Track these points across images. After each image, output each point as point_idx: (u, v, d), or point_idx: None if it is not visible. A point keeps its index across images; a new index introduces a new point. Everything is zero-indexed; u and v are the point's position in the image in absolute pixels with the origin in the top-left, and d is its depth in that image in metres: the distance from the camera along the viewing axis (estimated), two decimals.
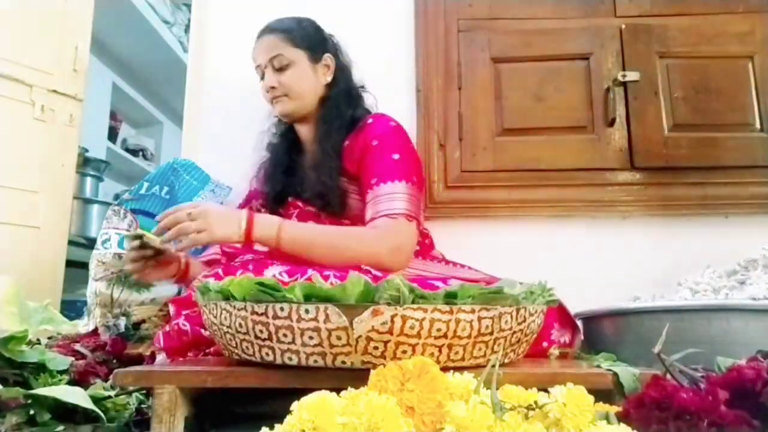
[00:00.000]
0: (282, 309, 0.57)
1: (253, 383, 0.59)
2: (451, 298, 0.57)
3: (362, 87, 1.30)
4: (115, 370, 0.59)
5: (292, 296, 0.57)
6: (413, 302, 0.55)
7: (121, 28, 2.95)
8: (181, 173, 1.38)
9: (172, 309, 0.95)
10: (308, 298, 0.57)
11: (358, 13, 1.59)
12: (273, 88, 1.19)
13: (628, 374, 0.57)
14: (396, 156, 1.10)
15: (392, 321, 0.54)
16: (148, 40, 3.16)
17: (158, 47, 3.24)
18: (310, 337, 0.56)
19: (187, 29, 3.13)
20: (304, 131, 1.26)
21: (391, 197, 1.06)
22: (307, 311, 0.56)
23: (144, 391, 0.71)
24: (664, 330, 0.55)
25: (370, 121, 1.18)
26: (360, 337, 0.55)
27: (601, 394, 0.51)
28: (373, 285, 0.57)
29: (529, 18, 1.55)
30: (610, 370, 0.58)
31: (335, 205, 1.14)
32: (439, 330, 0.56)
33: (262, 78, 1.23)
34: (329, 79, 1.23)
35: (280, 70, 1.19)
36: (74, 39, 1.87)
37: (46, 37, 1.80)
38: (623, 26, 1.51)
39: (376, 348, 0.56)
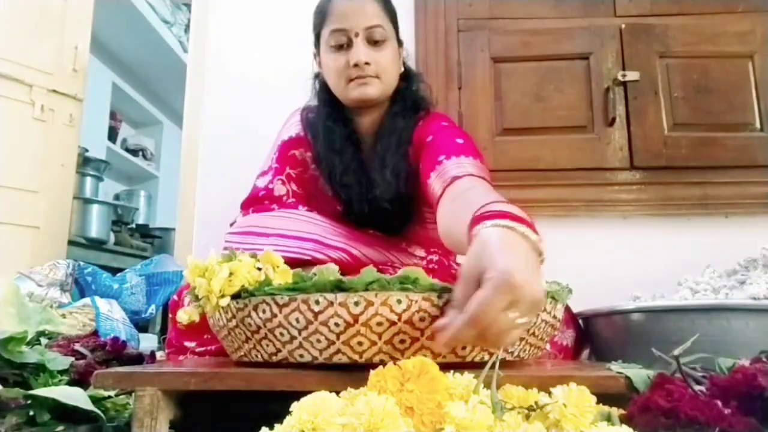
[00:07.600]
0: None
1: (238, 386, 0.56)
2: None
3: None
4: (96, 372, 0.57)
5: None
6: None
7: (121, 28, 2.95)
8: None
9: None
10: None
11: None
12: (367, 64, 0.97)
13: (642, 377, 0.54)
14: (459, 140, 0.95)
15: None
16: (148, 40, 3.17)
17: (158, 47, 3.25)
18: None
19: (187, 29, 3.13)
20: (365, 123, 1.06)
21: (460, 165, 0.87)
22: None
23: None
24: (692, 339, 0.54)
25: (420, 123, 1.04)
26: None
27: (613, 399, 0.50)
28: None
29: (529, 18, 1.55)
30: (621, 372, 0.56)
31: (403, 216, 1.01)
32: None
33: (340, 47, 0.99)
34: (402, 69, 1.07)
35: (376, 44, 0.99)
36: (74, 39, 1.88)
37: (46, 37, 1.80)
38: (623, 26, 1.51)
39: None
